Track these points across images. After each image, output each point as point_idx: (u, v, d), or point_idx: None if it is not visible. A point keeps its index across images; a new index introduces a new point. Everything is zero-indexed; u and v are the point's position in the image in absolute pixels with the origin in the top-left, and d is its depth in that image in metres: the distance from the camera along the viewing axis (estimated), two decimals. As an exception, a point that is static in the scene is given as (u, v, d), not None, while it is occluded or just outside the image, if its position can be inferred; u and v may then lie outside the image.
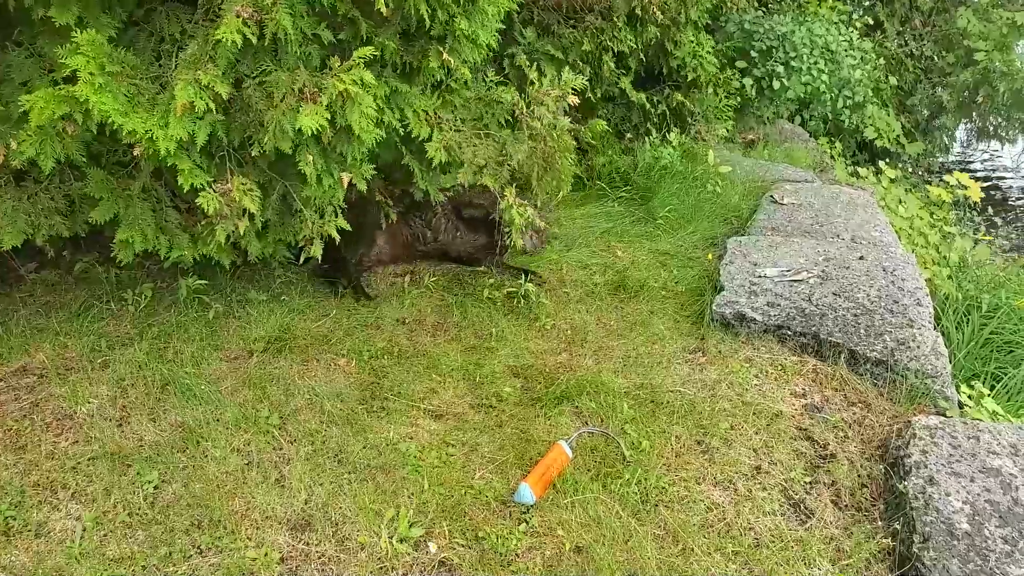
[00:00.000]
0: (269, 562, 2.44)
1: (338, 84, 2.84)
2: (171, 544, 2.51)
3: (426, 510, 2.66)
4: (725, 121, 6.78)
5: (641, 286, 4.21)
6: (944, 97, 9.38)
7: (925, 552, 2.35)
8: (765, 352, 3.51)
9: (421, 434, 3.04)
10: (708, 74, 6.30)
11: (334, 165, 3.24)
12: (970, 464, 2.66)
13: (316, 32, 2.98)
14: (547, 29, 5.11)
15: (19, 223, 3.09)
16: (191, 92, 2.68)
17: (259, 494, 2.70)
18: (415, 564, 2.47)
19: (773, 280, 3.92)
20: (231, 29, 2.60)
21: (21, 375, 3.29)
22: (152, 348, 3.47)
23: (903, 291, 3.75)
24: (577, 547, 2.52)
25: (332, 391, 3.26)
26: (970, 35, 8.89)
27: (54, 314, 3.67)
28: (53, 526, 2.57)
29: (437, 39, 3.28)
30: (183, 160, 2.88)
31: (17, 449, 2.89)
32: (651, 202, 5.26)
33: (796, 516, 2.68)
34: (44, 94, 2.63)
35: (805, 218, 4.98)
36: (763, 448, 2.97)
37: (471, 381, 3.41)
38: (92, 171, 3.08)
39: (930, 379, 3.22)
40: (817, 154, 7.69)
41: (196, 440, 2.95)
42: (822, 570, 2.45)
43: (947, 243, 5.67)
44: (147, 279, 3.94)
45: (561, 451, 2.85)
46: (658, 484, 2.78)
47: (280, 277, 4.12)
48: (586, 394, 3.24)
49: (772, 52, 7.55)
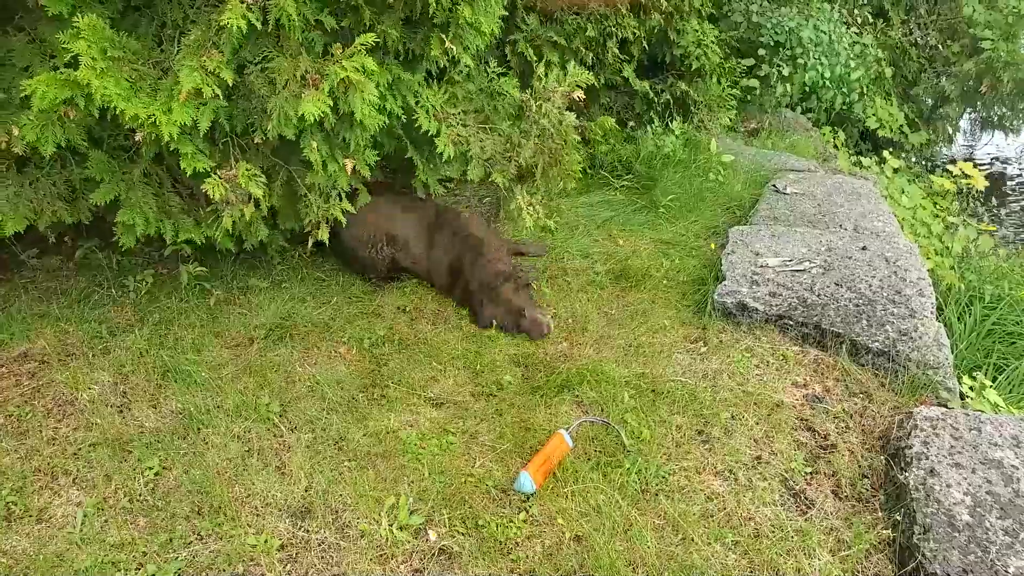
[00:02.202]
0: (269, 549, 2.44)
1: (340, 71, 2.83)
2: (171, 530, 2.51)
3: (426, 498, 2.66)
4: (728, 110, 6.74)
5: (643, 275, 4.20)
6: (948, 87, 9.33)
7: (925, 543, 2.35)
8: (766, 342, 3.50)
9: (421, 422, 3.04)
10: (712, 63, 6.27)
11: (338, 151, 3.24)
12: (971, 456, 2.66)
13: (319, 18, 2.97)
14: (550, 16, 5.08)
15: (21, 209, 3.08)
16: (197, 78, 2.67)
17: (259, 481, 2.71)
18: (415, 552, 2.47)
19: (775, 270, 3.91)
20: (236, 14, 2.59)
21: (22, 361, 3.29)
22: (153, 335, 3.47)
23: (905, 281, 3.74)
24: (577, 536, 2.53)
25: (333, 378, 3.26)
26: (975, 24, 8.83)
27: (55, 300, 3.67)
28: (54, 512, 2.58)
29: (440, 26, 3.26)
30: (186, 145, 2.88)
31: (18, 435, 2.90)
32: (653, 191, 5.24)
33: (796, 506, 2.68)
34: (46, 78, 2.62)
35: (807, 208, 4.96)
36: (764, 438, 2.97)
37: (471, 369, 3.40)
38: (93, 153, 3.07)
39: (932, 370, 3.21)
40: (820, 143, 7.66)
41: (197, 427, 2.95)
42: (822, 560, 2.45)
43: (950, 233, 5.65)
44: (148, 266, 3.94)
45: (561, 440, 2.85)
46: (658, 474, 2.78)
47: (281, 264, 4.12)
48: (587, 383, 3.23)
49: (779, 48, 7.50)
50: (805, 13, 7.78)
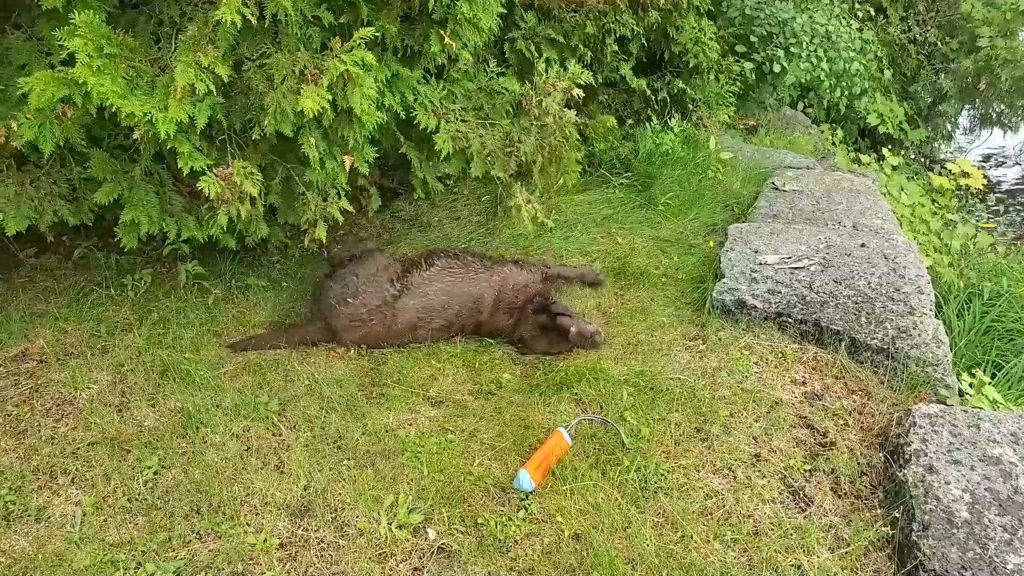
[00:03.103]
0: (268, 548, 2.44)
1: (339, 65, 2.82)
2: (170, 529, 2.51)
3: (425, 496, 2.66)
4: (727, 107, 6.73)
5: (641, 273, 4.19)
6: (946, 84, 9.33)
7: (924, 540, 2.35)
8: (765, 339, 3.50)
9: (420, 421, 3.04)
10: (710, 60, 6.25)
11: (336, 148, 3.23)
12: (970, 452, 2.66)
13: (316, 14, 2.95)
14: (548, 13, 5.07)
15: (23, 208, 3.07)
16: (191, 74, 2.66)
17: (258, 480, 2.71)
18: (414, 550, 2.47)
19: (774, 267, 3.90)
20: (231, 10, 2.58)
21: (21, 360, 3.29)
22: (152, 334, 3.47)
23: (904, 279, 3.74)
24: (576, 534, 2.53)
25: (331, 377, 3.26)
26: (974, 21, 8.83)
27: (54, 299, 3.67)
28: (53, 511, 2.58)
29: (439, 22, 3.26)
30: (183, 143, 2.87)
31: (17, 434, 2.90)
32: (652, 188, 5.23)
33: (795, 504, 2.68)
34: (43, 76, 2.61)
35: (806, 205, 4.96)
36: (763, 436, 2.97)
37: (470, 368, 3.40)
38: (94, 152, 3.06)
39: (931, 367, 3.21)
40: (819, 141, 7.66)
41: (195, 426, 2.95)
42: (821, 558, 2.45)
43: (949, 231, 5.65)
44: (146, 265, 3.93)
45: (560, 438, 2.85)
46: (657, 471, 2.78)
47: (279, 263, 4.12)
48: (585, 381, 3.23)
49: (772, 37, 7.49)
50: (802, 7, 7.76)
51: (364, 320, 3.46)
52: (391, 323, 3.48)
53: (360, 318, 3.46)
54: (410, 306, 3.49)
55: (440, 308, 3.54)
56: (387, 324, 3.48)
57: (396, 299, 3.49)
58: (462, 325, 3.61)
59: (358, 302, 3.46)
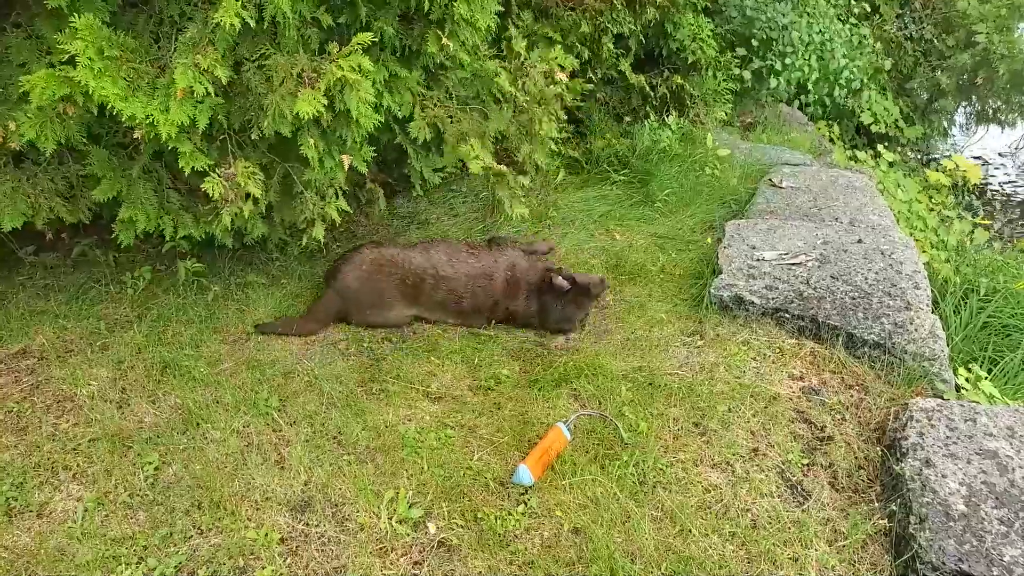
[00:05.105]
0: (269, 543, 2.46)
1: (336, 70, 2.83)
2: (171, 525, 2.52)
3: (425, 491, 2.67)
4: (724, 104, 6.74)
5: (639, 269, 4.21)
6: (943, 80, 9.33)
7: (921, 533, 2.37)
8: (763, 335, 3.51)
9: (420, 416, 3.06)
10: (708, 57, 6.27)
11: (335, 147, 3.24)
12: (967, 446, 2.68)
13: (315, 15, 2.96)
14: (545, 11, 5.08)
15: (19, 204, 3.08)
16: (190, 76, 2.68)
17: (259, 476, 2.72)
18: (414, 544, 2.48)
19: (771, 263, 3.92)
20: (230, 12, 2.59)
21: (21, 357, 3.30)
22: (151, 330, 3.47)
23: (901, 274, 3.76)
24: (575, 528, 2.54)
25: (331, 373, 3.27)
26: (970, 17, 8.84)
27: (53, 297, 3.67)
28: (54, 507, 2.59)
29: (436, 22, 3.27)
30: (184, 143, 2.88)
31: (18, 431, 2.91)
32: (649, 185, 5.24)
33: (793, 498, 2.70)
34: (44, 75, 2.61)
35: (803, 201, 4.97)
36: (761, 430, 2.98)
37: (470, 364, 3.42)
38: (94, 150, 3.07)
39: (928, 362, 3.23)
40: (816, 137, 7.66)
41: (196, 422, 2.96)
42: (819, 551, 2.47)
43: (945, 226, 5.67)
44: (146, 262, 3.93)
45: (559, 433, 2.86)
46: (656, 466, 2.79)
47: (279, 260, 4.12)
48: (584, 377, 3.25)
49: (772, 44, 7.49)
50: (799, 10, 7.76)
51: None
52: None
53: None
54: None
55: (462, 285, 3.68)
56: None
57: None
58: (477, 306, 3.67)
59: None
